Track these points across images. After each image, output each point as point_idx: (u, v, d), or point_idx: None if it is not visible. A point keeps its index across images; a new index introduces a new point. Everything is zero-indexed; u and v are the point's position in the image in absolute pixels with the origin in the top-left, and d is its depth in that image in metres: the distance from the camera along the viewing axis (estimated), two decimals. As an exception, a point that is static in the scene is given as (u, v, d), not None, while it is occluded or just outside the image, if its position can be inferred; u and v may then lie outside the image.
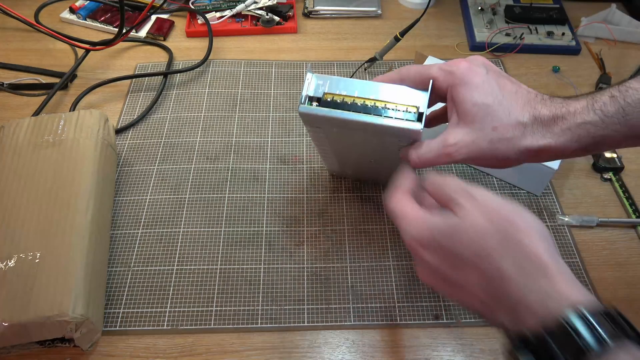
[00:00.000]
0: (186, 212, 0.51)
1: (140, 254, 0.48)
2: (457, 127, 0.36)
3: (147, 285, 0.46)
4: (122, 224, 0.50)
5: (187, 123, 0.60)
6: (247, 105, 0.62)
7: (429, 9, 0.64)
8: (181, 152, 0.57)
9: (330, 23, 0.75)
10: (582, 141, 0.34)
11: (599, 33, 0.72)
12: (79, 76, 0.66)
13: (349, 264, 0.48)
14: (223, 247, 0.49)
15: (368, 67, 0.67)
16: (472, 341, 0.43)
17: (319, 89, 0.37)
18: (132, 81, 0.65)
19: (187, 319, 0.44)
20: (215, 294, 0.45)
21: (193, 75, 0.66)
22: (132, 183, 0.54)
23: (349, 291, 0.46)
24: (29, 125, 0.50)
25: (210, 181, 0.54)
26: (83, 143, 0.49)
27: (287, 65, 0.68)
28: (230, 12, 0.73)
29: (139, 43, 0.71)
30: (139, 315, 0.44)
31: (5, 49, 0.69)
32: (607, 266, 0.48)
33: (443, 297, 0.45)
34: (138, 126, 0.60)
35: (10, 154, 0.48)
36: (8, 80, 0.64)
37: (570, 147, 0.35)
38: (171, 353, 0.42)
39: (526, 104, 0.36)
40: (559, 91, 0.64)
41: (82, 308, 0.39)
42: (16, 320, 0.37)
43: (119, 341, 0.42)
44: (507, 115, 0.35)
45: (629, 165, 0.56)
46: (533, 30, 0.71)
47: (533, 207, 0.52)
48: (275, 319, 0.44)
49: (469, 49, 0.71)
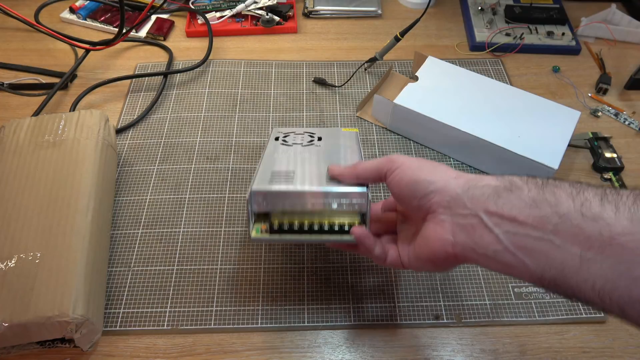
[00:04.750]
0: (186, 212, 0.51)
1: (140, 254, 0.48)
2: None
3: (147, 285, 0.46)
4: (122, 224, 0.50)
5: (187, 123, 0.60)
6: (247, 105, 0.62)
7: (429, 9, 0.64)
8: (181, 152, 0.57)
9: (330, 23, 0.75)
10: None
11: (599, 33, 0.72)
12: (79, 76, 0.66)
13: (349, 264, 0.48)
14: (223, 247, 0.49)
15: (368, 67, 0.67)
16: (472, 341, 0.43)
17: (261, 205, 0.38)
18: (132, 81, 0.65)
19: (187, 319, 0.44)
20: (215, 294, 0.45)
21: (193, 75, 0.66)
22: (132, 183, 0.54)
23: (349, 291, 0.46)
24: (29, 125, 0.50)
25: (210, 181, 0.54)
26: (83, 143, 0.49)
27: (287, 65, 0.68)
28: (230, 12, 0.73)
29: (139, 43, 0.71)
30: (139, 315, 0.44)
31: (5, 49, 0.69)
32: (607, 266, 0.48)
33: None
34: (138, 126, 0.60)
35: (11, 154, 0.48)
36: (8, 80, 0.64)
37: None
38: (171, 353, 0.42)
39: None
40: (559, 91, 0.65)
41: (82, 308, 0.39)
42: (16, 321, 0.37)
43: (119, 341, 0.42)
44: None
45: (629, 165, 0.56)
46: (533, 30, 0.71)
47: (533, 207, 0.52)
48: (275, 319, 0.44)
49: (469, 49, 0.71)
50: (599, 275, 0.25)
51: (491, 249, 0.30)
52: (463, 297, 0.45)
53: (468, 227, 0.31)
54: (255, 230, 0.38)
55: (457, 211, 0.31)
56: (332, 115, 0.61)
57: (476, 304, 0.45)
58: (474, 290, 0.46)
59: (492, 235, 0.29)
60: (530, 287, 0.46)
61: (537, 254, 0.28)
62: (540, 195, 0.28)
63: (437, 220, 0.33)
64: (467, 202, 0.31)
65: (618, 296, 0.25)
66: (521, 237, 0.28)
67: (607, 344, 0.43)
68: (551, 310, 0.44)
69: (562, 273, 0.27)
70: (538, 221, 0.28)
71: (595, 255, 0.26)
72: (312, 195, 0.38)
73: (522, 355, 0.42)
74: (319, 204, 0.38)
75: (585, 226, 0.26)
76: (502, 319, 0.44)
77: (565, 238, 0.27)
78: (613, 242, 0.25)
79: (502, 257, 0.29)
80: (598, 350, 0.42)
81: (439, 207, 0.32)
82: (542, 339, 0.43)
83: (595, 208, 0.26)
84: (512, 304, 0.45)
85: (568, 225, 0.27)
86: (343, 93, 0.64)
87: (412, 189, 0.34)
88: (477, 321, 0.44)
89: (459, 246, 0.31)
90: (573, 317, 0.44)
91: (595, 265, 0.26)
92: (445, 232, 0.32)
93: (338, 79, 0.66)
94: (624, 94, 0.65)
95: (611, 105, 0.63)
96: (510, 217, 0.29)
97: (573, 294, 0.27)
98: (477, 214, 0.30)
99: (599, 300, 0.26)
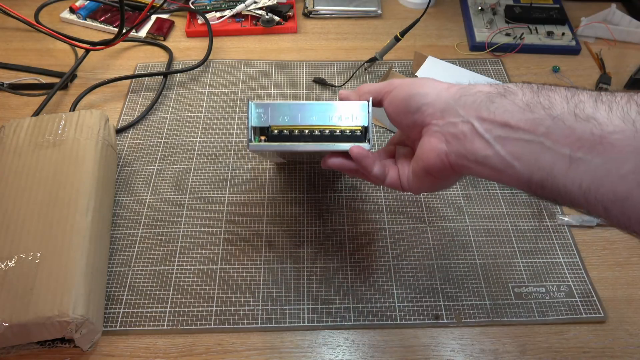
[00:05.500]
0: (186, 212, 0.51)
1: (140, 254, 0.48)
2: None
3: (147, 285, 0.46)
4: (122, 224, 0.50)
5: (187, 123, 0.60)
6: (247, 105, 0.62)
7: (429, 9, 0.64)
8: (181, 152, 0.57)
9: (330, 23, 0.75)
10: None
11: (599, 33, 0.72)
12: (79, 76, 0.66)
13: (349, 264, 0.48)
14: (223, 247, 0.49)
15: (368, 67, 0.67)
16: (472, 341, 0.43)
17: (261, 118, 0.38)
18: (132, 81, 0.65)
19: (187, 319, 0.44)
20: (215, 294, 0.45)
21: (193, 75, 0.66)
22: (132, 183, 0.54)
23: (349, 291, 0.46)
24: (29, 125, 0.50)
25: (210, 181, 0.54)
26: (83, 143, 0.49)
27: (287, 65, 0.68)
28: (230, 12, 0.73)
29: (139, 43, 0.71)
30: (139, 315, 0.44)
31: (5, 49, 0.69)
32: (607, 266, 0.48)
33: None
34: (138, 126, 0.60)
35: (11, 154, 0.48)
36: (8, 80, 0.64)
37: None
38: (171, 353, 0.42)
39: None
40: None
41: (83, 308, 0.39)
42: (16, 321, 0.37)
43: (119, 341, 0.42)
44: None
45: (629, 165, 0.56)
46: (533, 30, 0.71)
47: (533, 206, 0.52)
48: (275, 319, 0.44)
49: (469, 49, 0.71)
50: (586, 175, 0.25)
51: (481, 154, 0.30)
52: (463, 297, 0.45)
53: (460, 135, 0.31)
54: (255, 140, 0.38)
55: (450, 120, 0.31)
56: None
57: (476, 304, 0.45)
58: (474, 290, 0.46)
59: (482, 140, 0.30)
60: (530, 287, 0.46)
61: (526, 157, 0.28)
62: (535, 99, 0.28)
63: (431, 132, 0.33)
64: (459, 110, 0.31)
65: (602, 194, 0.25)
66: (512, 141, 0.28)
67: (607, 344, 0.43)
68: (551, 310, 0.44)
69: (550, 174, 0.27)
70: (530, 124, 0.28)
71: (584, 155, 0.25)
72: (313, 108, 0.37)
73: (522, 355, 0.42)
74: (319, 118, 0.38)
75: (577, 127, 0.26)
76: (502, 319, 0.44)
77: (556, 139, 0.27)
78: (603, 140, 0.25)
79: (492, 161, 0.29)
80: (598, 350, 0.42)
81: (432, 119, 0.33)
82: (542, 339, 0.43)
83: (589, 109, 0.26)
84: (512, 304, 0.45)
85: (560, 127, 0.26)
86: (343, 93, 0.64)
87: (406, 104, 0.34)
88: (477, 321, 0.44)
89: (452, 155, 0.31)
90: (573, 317, 0.44)
91: (584, 165, 0.25)
92: (439, 142, 0.32)
93: (338, 79, 0.66)
94: (624, 94, 0.65)
95: (611, 105, 0.63)
96: (502, 122, 0.29)
97: (559, 196, 0.27)
98: (469, 120, 0.30)
99: (584, 200, 0.26)
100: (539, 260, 0.48)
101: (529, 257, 0.48)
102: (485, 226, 0.50)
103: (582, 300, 0.45)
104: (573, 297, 0.45)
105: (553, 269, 0.47)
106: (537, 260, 0.48)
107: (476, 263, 0.48)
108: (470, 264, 0.48)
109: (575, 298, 0.45)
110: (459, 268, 0.47)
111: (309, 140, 0.38)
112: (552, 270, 0.47)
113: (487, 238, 0.50)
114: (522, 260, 0.48)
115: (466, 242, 0.49)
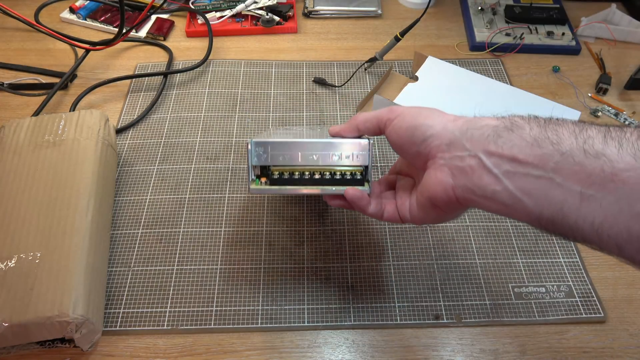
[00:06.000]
0: (186, 212, 0.51)
1: (140, 254, 0.48)
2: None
3: (147, 285, 0.46)
4: (122, 224, 0.50)
5: (187, 123, 0.60)
6: (247, 105, 0.62)
7: (429, 9, 0.64)
8: (181, 152, 0.57)
9: (330, 23, 0.75)
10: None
11: (599, 33, 0.72)
12: (79, 76, 0.66)
13: (349, 264, 0.48)
14: (223, 247, 0.49)
15: (368, 67, 0.67)
16: (472, 341, 0.43)
17: (261, 157, 0.38)
18: (132, 81, 0.65)
19: (187, 319, 0.44)
20: (215, 294, 0.45)
21: (193, 75, 0.66)
22: (132, 183, 0.54)
23: (349, 291, 0.46)
24: (29, 125, 0.50)
25: (210, 181, 0.54)
26: (83, 143, 0.49)
27: (287, 65, 0.68)
28: (230, 12, 0.73)
29: (139, 43, 0.71)
30: (139, 315, 0.44)
31: (5, 49, 0.69)
32: (607, 266, 0.48)
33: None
34: (138, 126, 0.60)
35: (11, 154, 0.48)
36: (8, 80, 0.64)
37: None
38: (171, 353, 0.42)
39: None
40: (559, 91, 0.65)
41: (83, 308, 0.39)
42: (16, 321, 0.37)
43: (119, 341, 0.42)
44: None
45: (629, 165, 0.56)
46: (533, 30, 0.71)
47: (533, 207, 0.52)
48: (275, 319, 0.44)
49: (469, 49, 0.71)
50: (598, 212, 0.25)
51: (490, 189, 0.29)
52: (463, 297, 0.45)
53: (467, 168, 0.30)
54: (255, 183, 0.38)
55: (456, 153, 0.31)
56: (332, 115, 0.61)
57: (476, 304, 0.45)
58: (474, 290, 0.46)
59: (491, 175, 0.29)
60: (530, 287, 0.46)
61: (536, 193, 0.27)
62: (542, 134, 0.28)
63: (436, 165, 0.32)
64: (466, 143, 0.31)
65: (616, 233, 0.25)
66: (521, 177, 0.28)
67: (607, 344, 0.43)
68: (551, 310, 0.44)
69: (561, 212, 0.26)
70: (539, 160, 0.27)
71: (596, 192, 0.25)
72: (312, 146, 0.37)
73: (522, 355, 0.42)
74: (320, 157, 0.37)
75: (587, 163, 0.25)
76: (502, 319, 0.44)
77: (566, 176, 0.26)
78: (615, 178, 0.24)
79: (501, 197, 0.29)
80: (598, 350, 0.42)
81: (438, 152, 0.32)
82: (542, 339, 0.43)
83: (598, 145, 0.26)
84: (512, 304, 0.45)
85: (570, 163, 0.26)
86: (343, 93, 0.64)
87: (410, 135, 0.34)
88: (477, 321, 0.44)
89: (459, 188, 0.31)
90: (573, 317, 0.44)
91: (596, 202, 0.25)
92: (445, 176, 0.31)
93: (338, 79, 0.66)
94: (624, 94, 0.65)
95: (611, 105, 0.63)
96: (510, 156, 0.28)
97: (571, 233, 0.27)
98: (476, 154, 0.30)
99: (596, 237, 0.25)
100: (539, 260, 0.48)
101: (529, 257, 0.48)
102: (485, 226, 0.50)
103: (582, 300, 0.45)
104: (573, 297, 0.45)
105: (553, 269, 0.47)
106: (537, 260, 0.48)
107: (476, 263, 0.48)
108: (470, 264, 0.48)
109: (575, 298, 0.45)
110: (459, 268, 0.47)
111: (309, 183, 0.38)
112: (552, 270, 0.47)
113: (487, 238, 0.50)
114: (522, 260, 0.48)
115: (466, 242, 0.49)
